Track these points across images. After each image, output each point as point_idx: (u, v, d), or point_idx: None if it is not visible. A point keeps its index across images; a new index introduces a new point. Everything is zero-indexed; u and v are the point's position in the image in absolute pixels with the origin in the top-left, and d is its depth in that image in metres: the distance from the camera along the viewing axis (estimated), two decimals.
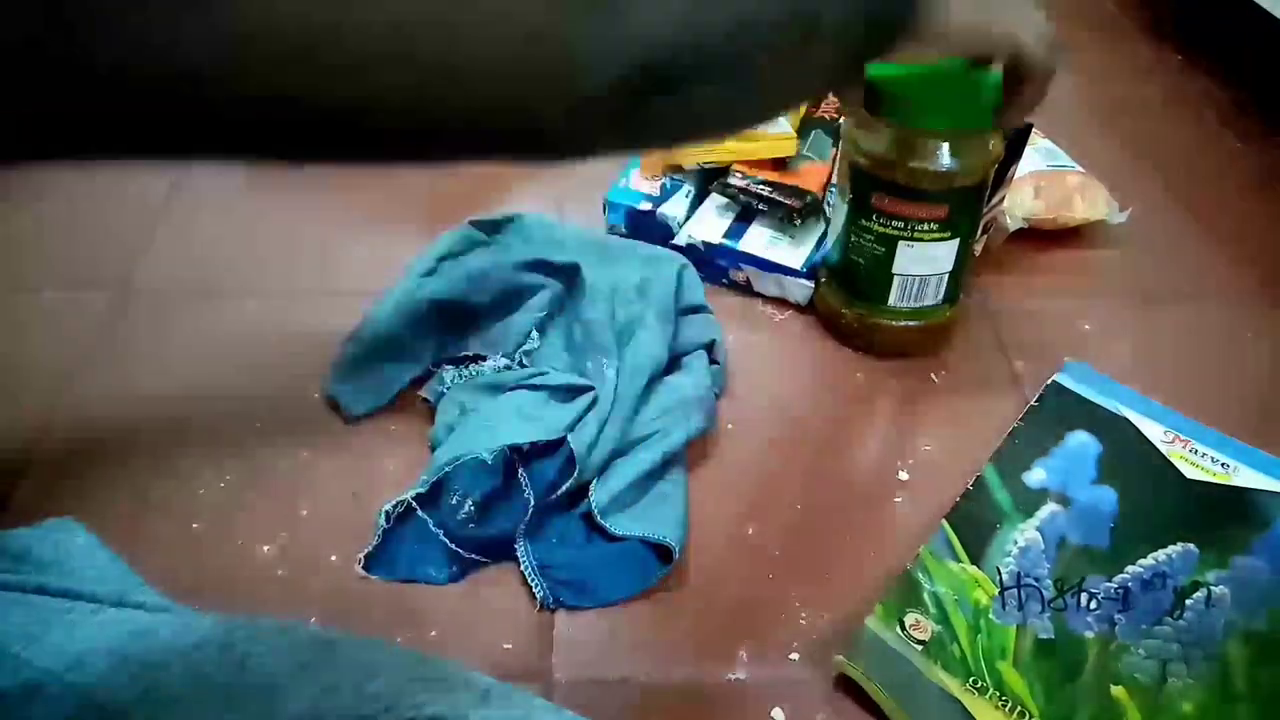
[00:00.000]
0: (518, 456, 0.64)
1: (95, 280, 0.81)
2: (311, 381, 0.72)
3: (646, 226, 0.84)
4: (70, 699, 0.41)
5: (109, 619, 0.45)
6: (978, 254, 0.83)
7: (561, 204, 0.91)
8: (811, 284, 0.80)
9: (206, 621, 0.46)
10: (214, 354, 0.75)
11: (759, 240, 0.81)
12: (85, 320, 0.78)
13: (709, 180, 0.85)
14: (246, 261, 0.84)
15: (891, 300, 0.73)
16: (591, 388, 0.67)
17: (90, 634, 0.43)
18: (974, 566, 0.61)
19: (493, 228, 0.83)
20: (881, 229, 0.70)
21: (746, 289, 0.82)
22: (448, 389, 0.71)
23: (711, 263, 0.82)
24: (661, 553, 0.61)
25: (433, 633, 0.58)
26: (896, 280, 0.72)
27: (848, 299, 0.76)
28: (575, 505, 0.64)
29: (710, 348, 0.74)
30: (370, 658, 0.44)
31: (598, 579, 0.60)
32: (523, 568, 0.60)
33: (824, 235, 0.81)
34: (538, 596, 0.59)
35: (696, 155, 0.85)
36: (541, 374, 0.69)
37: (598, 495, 0.63)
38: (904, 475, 0.69)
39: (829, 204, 0.81)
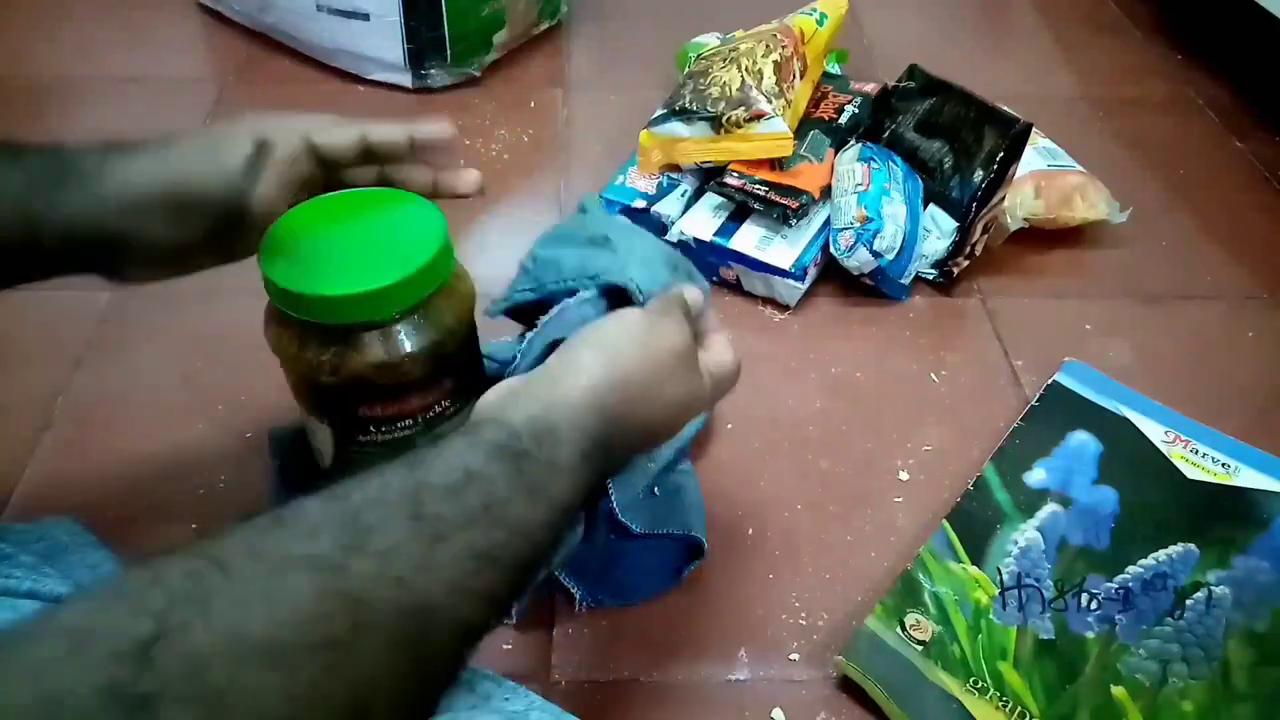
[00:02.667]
0: None
1: (95, 280, 0.81)
2: None
3: (640, 224, 0.83)
4: None
5: None
6: (978, 254, 0.83)
7: (561, 201, 0.91)
8: (801, 285, 0.80)
9: None
10: (215, 353, 0.75)
11: (749, 239, 0.81)
12: (85, 320, 0.78)
13: (707, 179, 0.85)
14: (249, 260, 0.84)
15: None
16: None
17: None
18: (974, 567, 0.60)
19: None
20: (388, 437, 0.54)
21: (738, 289, 0.82)
22: None
23: (701, 259, 0.82)
24: (690, 546, 0.62)
25: None
26: None
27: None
28: (593, 507, 0.63)
29: None
30: None
31: (633, 577, 0.61)
32: (556, 573, 0.60)
33: (816, 237, 0.81)
34: (576, 598, 0.59)
35: (694, 155, 0.85)
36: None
37: (618, 496, 0.61)
38: (904, 475, 0.69)
39: None
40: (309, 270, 0.49)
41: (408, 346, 0.51)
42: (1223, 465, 0.66)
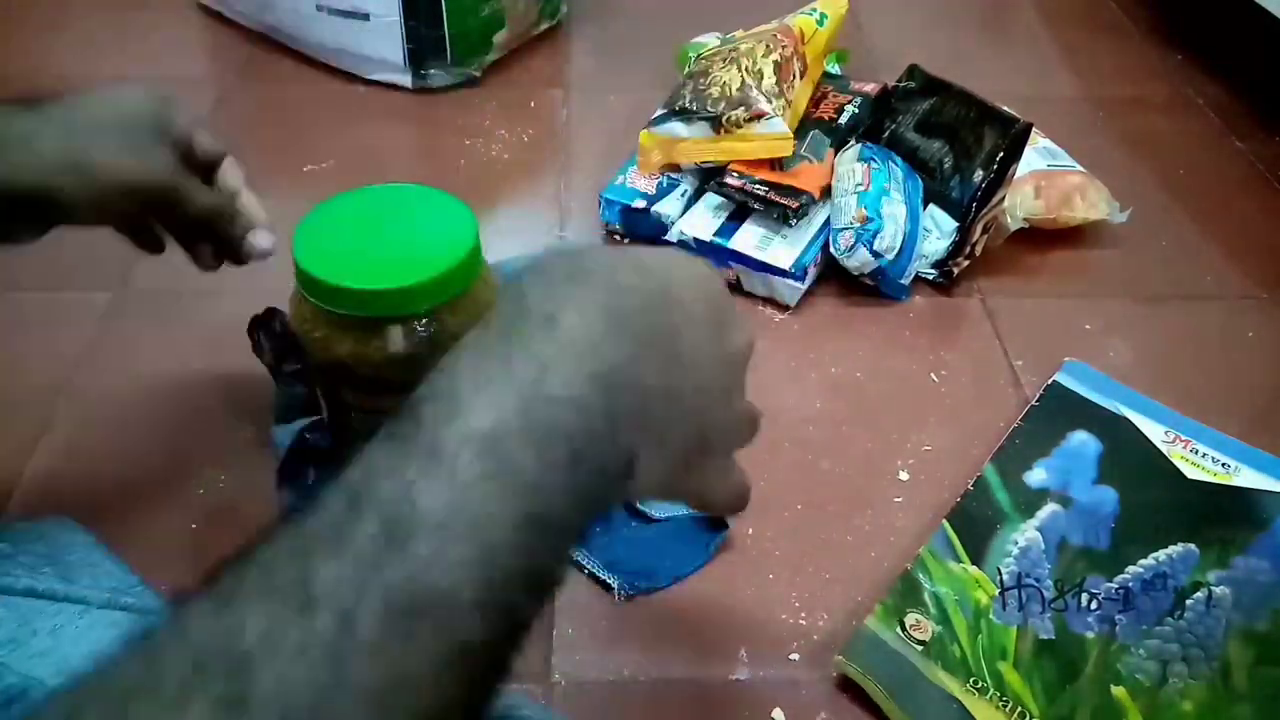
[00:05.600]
0: None
1: (95, 280, 0.81)
2: None
3: (640, 224, 0.84)
4: None
5: (96, 621, 0.44)
6: (978, 254, 0.83)
7: (564, 201, 0.91)
8: (801, 285, 0.80)
9: None
10: (215, 353, 0.75)
11: (749, 239, 0.81)
12: (85, 320, 0.78)
13: (707, 179, 0.85)
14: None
15: None
16: None
17: (76, 637, 0.43)
18: (974, 566, 0.60)
19: None
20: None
21: (739, 289, 0.82)
22: None
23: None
24: (712, 520, 0.63)
25: None
26: None
27: None
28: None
29: None
30: None
31: (664, 560, 0.62)
32: (587, 567, 0.61)
33: (816, 237, 0.81)
34: (614, 588, 0.60)
35: (694, 155, 0.85)
36: None
37: None
38: (904, 475, 0.69)
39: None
40: (340, 261, 0.50)
41: (430, 343, 0.51)
42: (1223, 465, 0.66)
